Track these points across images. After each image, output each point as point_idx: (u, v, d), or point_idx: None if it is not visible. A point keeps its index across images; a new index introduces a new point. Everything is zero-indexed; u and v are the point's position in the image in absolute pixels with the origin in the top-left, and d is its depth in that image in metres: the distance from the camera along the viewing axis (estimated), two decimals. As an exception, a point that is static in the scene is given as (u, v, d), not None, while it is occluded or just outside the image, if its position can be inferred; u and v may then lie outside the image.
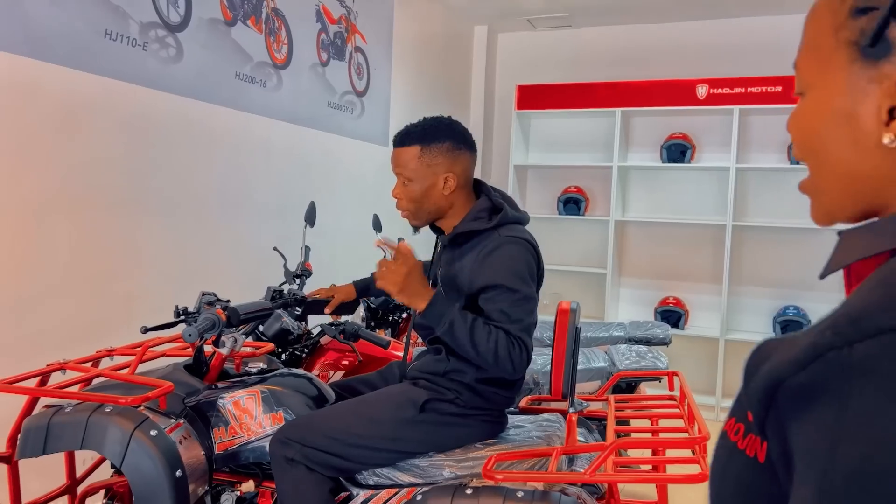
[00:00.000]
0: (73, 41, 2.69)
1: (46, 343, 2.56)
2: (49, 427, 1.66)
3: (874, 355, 0.44)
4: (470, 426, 1.72)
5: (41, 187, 2.59)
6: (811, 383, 0.46)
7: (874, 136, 0.56)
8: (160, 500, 1.58)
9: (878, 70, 0.55)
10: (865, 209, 0.59)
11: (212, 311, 1.70)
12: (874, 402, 0.43)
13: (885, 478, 0.41)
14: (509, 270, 1.67)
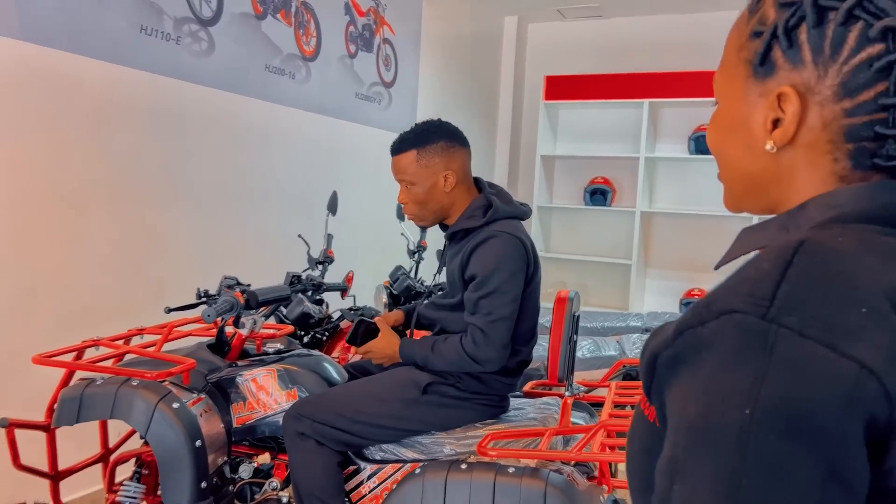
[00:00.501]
0: (111, 37, 2.83)
1: (84, 321, 2.72)
2: (82, 398, 1.80)
3: (716, 332, 0.53)
4: (469, 408, 1.82)
5: (81, 177, 2.75)
6: (676, 356, 0.55)
7: (762, 142, 0.64)
8: (181, 468, 1.72)
9: (765, 86, 0.64)
10: (766, 204, 0.68)
11: (230, 294, 1.82)
12: (711, 370, 0.52)
13: (713, 431, 0.50)
14: (486, 264, 1.77)
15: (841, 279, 0.53)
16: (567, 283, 5.81)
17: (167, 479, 1.73)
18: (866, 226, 0.58)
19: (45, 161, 2.63)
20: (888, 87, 0.57)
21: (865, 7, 0.58)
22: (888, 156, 0.59)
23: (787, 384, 0.49)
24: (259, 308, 1.96)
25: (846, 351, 0.49)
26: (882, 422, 0.49)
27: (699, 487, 0.50)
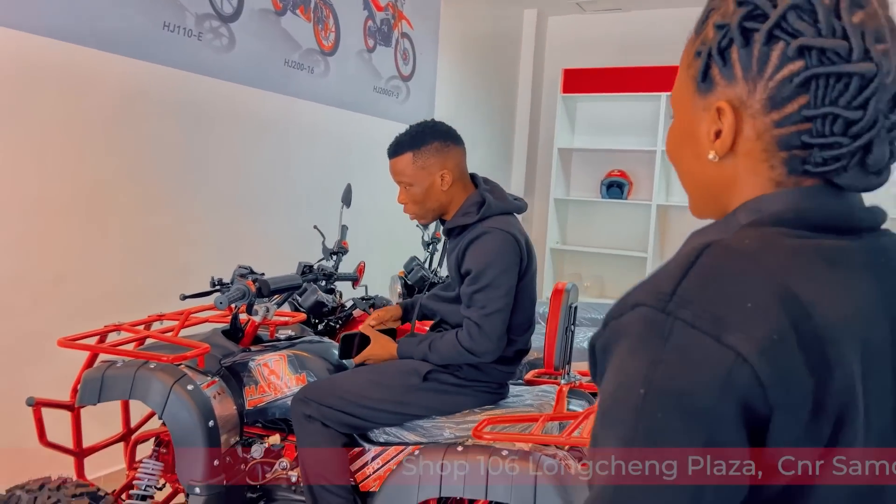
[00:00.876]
0: (134, 33, 2.94)
1: (108, 307, 2.84)
2: (103, 379, 1.91)
3: (629, 322, 0.61)
4: (468, 395, 1.90)
5: (105, 169, 2.86)
6: (604, 343, 0.63)
7: (707, 152, 0.70)
8: (195, 446, 1.82)
9: (706, 101, 0.70)
10: (720, 208, 0.73)
11: (242, 283, 1.92)
12: (622, 355, 0.60)
13: (616, 408, 0.59)
14: (480, 259, 1.84)
15: (733, 277, 0.60)
16: (583, 275, 5.86)
17: (182, 456, 1.84)
18: (777, 228, 0.64)
19: (71, 154, 2.74)
20: (809, 100, 0.63)
21: (783, 28, 0.63)
22: (816, 163, 0.65)
23: (676, 368, 0.56)
24: (271, 296, 2.05)
25: (726, 341, 0.56)
26: (758, 405, 0.56)
27: (605, 455, 0.58)
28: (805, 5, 0.63)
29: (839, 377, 0.58)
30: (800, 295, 0.59)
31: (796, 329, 0.57)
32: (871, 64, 0.61)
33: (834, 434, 0.59)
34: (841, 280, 0.63)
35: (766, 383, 0.55)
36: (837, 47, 0.61)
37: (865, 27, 0.62)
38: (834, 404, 0.58)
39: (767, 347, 0.56)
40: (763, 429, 0.57)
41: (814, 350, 0.57)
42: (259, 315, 2.09)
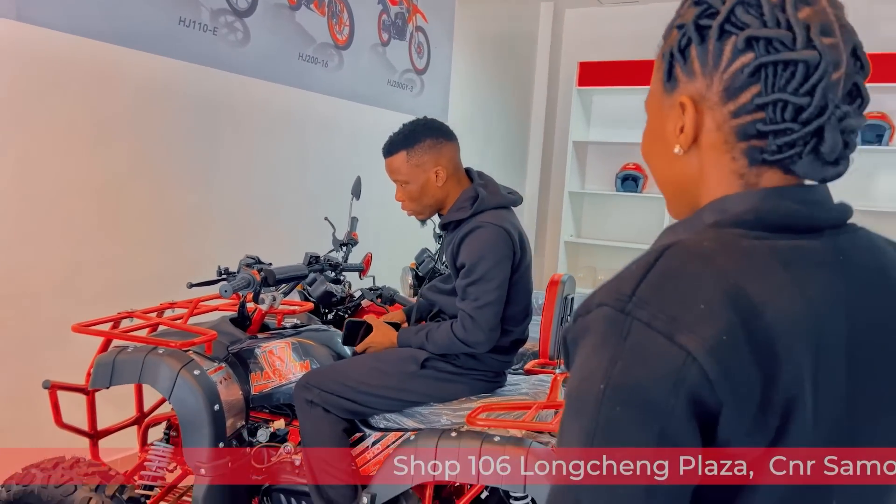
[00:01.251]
0: (151, 28, 3.01)
1: (124, 295, 2.93)
2: (114, 364, 1.99)
3: (593, 320, 0.64)
4: (465, 382, 1.95)
5: (123, 161, 2.95)
6: (573, 337, 0.67)
7: (673, 147, 0.73)
8: (201, 429, 1.89)
9: (671, 99, 0.74)
10: (692, 206, 0.75)
11: (248, 272, 1.98)
12: (585, 351, 0.64)
13: (579, 401, 0.63)
14: (473, 253, 1.89)
15: (689, 279, 0.63)
16: (597, 268, 5.87)
17: (188, 438, 1.91)
18: (736, 230, 0.67)
19: (90, 147, 2.83)
20: (760, 89, 0.67)
21: (733, 22, 0.67)
22: (771, 151, 0.68)
23: (632, 365, 0.60)
24: (276, 285, 2.11)
25: (678, 340, 0.59)
26: (707, 401, 0.60)
27: (569, 445, 0.62)
28: (751, 1, 0.67)
29: (787, 372, 0.61)
30: (751, 294, 0.62)
31: (746, 327, 0.60)
32: (814, 52, 0.64)
33: (781, 426, 0.62)
34: (794, 279, 0.65)
35: (713, 380, 0.59)
36: (782, 37, 0.65)
37: (811, 21, 0.65)
38: (780, 398, 0.61)
39: (715, 346, 0.59)
40: (713, 423, 0.61)
41: (762, 347, 0.60)
42: (265, 304, 2.15)
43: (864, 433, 0.67)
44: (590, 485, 0.60)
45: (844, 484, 0.66)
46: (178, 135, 3.18)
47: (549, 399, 1.84)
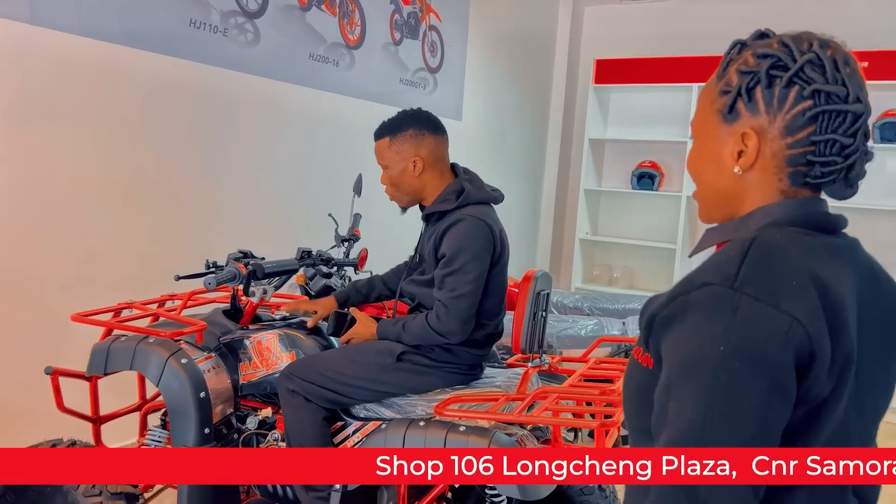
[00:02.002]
0: (162, 30, 3.12)
1: (136, 287, 3.04)
2: (109, 351, 2.09)
3: (699, 298, 0.80)
4: (440, 375, 2.01)
5: (135, 159, 3.07)
6: (669, 315, 0.82)
7: (730, 167, 0.91)
8: (187, 414, 1.98)
9: (732, 128, 0.91)
10: (727, 213, 0.95)
11: (234, 266, 2.07)
12: (696, 323, 0.79)
13: (698, 363, 0.77)
14: (454, 244, 1.95)
15: (780, 263, 0.81)
16: (613, 265, 5.87)
17: (175, 423, 2.00)
18: (792, 228, 0.87)
19: (104, 145, 2.95)
20: (815, 129, 0.86)
21: (801, 76, 0.86)
22: (815, 176, 0.88)
23: (747, 330, 0.76)
24: (265, 279, 2.19)
25: (784, 309, 0.77)
26: (805, 354, 0.77)
27: (688, 399, 0.77)
28: (817, 60, 0.86)
29: (845, 337, 0.80)
30: (822, 276, 0.81)
31: (822, 300, 0.79)
32: (860, 105, 0.86)
33: (839, 380, 0.80)
34: (839, 267, 0.85)
35: (813, 338, 0.77)
36: (839, 92, 0.85)
37: (852, 77, 0.87)
38: (841, 357, 0.80)
39: (811, 313, 0.77)
40: (805, 373, 0.77)
41: (832, 316, 0.79)
42: (256, 296, 2.24)
43: (867, 381, 0.87)
44: (719, 430, 0.75)
45: (856, 421, 0.87)
46: (190, 133, 3.29)
47: (517, 391, 1.89)
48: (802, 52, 0.87)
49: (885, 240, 4.94)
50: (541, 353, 2.07)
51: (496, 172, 5.59)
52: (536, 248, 6.25)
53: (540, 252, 6.24)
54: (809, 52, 0.87)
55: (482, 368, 2.11)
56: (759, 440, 0.76)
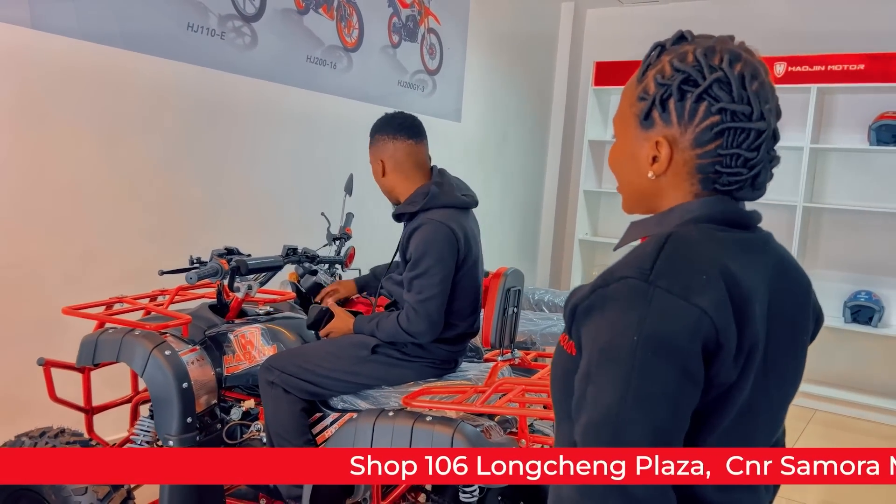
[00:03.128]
0: (160, 34, 3.21)
1: (134, 283, 3.14)
2: (97, 343, 2.17)
3: (616, 290, 0.85)
4: (413, 368, 2.08)
5: (134, 160, 3.16)
6: (589, 305, 0.87)
7: (645, 171, 0.97)
8: (170, 404, 2.06)
9: (647, 134, 0.97)
10: (647, 208, 1.01)
11: (216, 262, 2.14)
12: (613, 314, 0.84)
13: (614, 351, 0.82)
14: (419, 248, 2.02)
15: (692, 257, 0.87)
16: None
17: (159, 413, 2.08)
18: (708, 225, 0.93)
19: (102, 146, 3.04)
20: (722, 142, 0.92)
21: (709, 94, 0.92)
22: (723, 184, 0.94)
23: (659, 321, 0.81)
24: (249, 275, 2.27)
25: (693, 301, 0.82)
26: (712, 343, 0.83)
27: (605, 385, 0.82)
28: (724, 79, 0.91)
29: (751, 327, 0.86)
30: (731, 270, 0.86)
31: (730, 293, 0.84)
32: (764, 122, 0.91)
33: (745, 366, 0.86)
34: (751, 260, 0.91)
35: (719, 329, 0.82)
36: (744, 110, 0.91)
37: (759, 93, 0.92)
38: (747, 345, 0.86)
39: (718, 305, 0.83)
40: (712, 360, 0.83)
41: (739, 308, 0.85)
42: (241, 292, 2.32)
43: (775, 366, 0.93)
44: (632, 414, 0.81)
45: (764, 405, 0.93)
46: (187, 134, 3.38)
47: (485, 383, 1.95)
48: (712, 70, 0.91)
49: (881, 242, 4.95)
50: (512, 347, 2.13)
51: (497, 174, 5.66)
52: (537, 248, 6.30)
53: (541, 252, 6.29)
54: (718, 69, 0.91)
55: (457, 363, 2.17)
56: (670, 423, 0.82)
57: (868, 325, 4.85)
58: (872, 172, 4.94)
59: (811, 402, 4.85)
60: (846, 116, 5.02)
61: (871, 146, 4.77)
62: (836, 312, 5.05)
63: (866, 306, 4.86)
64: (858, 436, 4.50)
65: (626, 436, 0.80)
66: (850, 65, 4.75)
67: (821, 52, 4.90)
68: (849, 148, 4.91)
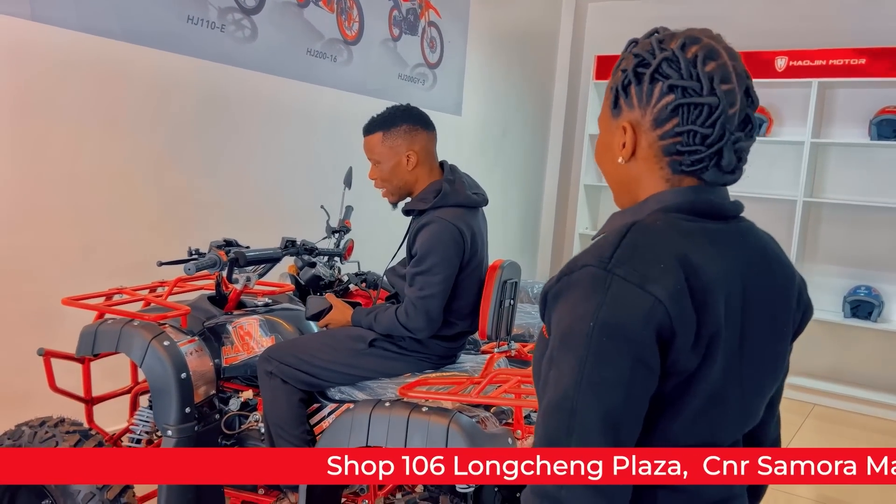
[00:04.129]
0: (160, 26, 3.22)
1: (134, 276, 3.15)
2: (96, 333, 2.19)
3: (579, 277, 0.88)
4: (410, 361, 2.09)
5: (133, 152, 3.16)
6: (556, 292, 0.90)
7: (617, 157, 1.00)
8: (169, 394, 2.07)
9: (617, 122, 1.00)
10: (629, 199, 1.02)
11: (214, 253, 2.15)
12: (574, 300, 0.87)
13: (572, 336, 0.85)
14: (424, 245, 2.02)
15: (651, 247, 0.89)
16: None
17: (158, 403, 2.09)
18: (677, 214, 0.94)
19: (102, 138, 3.05)
20: (678, 120, 0.93)
21: (660, 72, 0.94)
22: (687, 164, 0.95)
23: (614, 308, 0.84)
24: (248, 266, 2.28)
25: (648, 289, 0.84)
26: (667, 331, 0.84)
27: (564, 370, 0.85)
28: (672, 58, 0.93)
29: (711, 315, 0.87)
30: (692, 260, 0.87)
31: (689, 282, 0.86)
32: (715, 98, 0.92)
33: (706, 354, 0.88)
34: (717, 251, 0.92)
35: (672, 317, 0.84)
36: (693, 86, 0.92)
37: (714, 73, 0.92)
38: (706, 334, 0.87)
39: (673, 294, 0.84)
40: (668, 348, 0.85)
41: (698, 297, 0.86)
42: (240, 283, 2.33)
43: (749, 357, 0.94)
44: (585, 398, 0.83)
45: (735, 394, 0.94)
46: (187, 127, 3.38)
47: (481, 375, 1.96)
48: (662, 51, 0.94)
49: (881, 237, 4.95)
50: (508, 339, 2.14)
51: (497, 167, 5.66)
52: (538, 242, 6.31)
53: (541, 246, 6.30)
54: (667, 50, 0.94)
55: (455, 357, 2.18)
56: (622, 408, 0.84)
57: (868, 319, 4.85)
58: (873, 167, 4.94)
59: (809, 396, 4.86)
60: (847, 111, 5.01)
61: (872, 141, 4.76)
62: (835, 307, 5.06)
63: (866, 301, 4.86)
64: (857, 431, 4.51)
65: (578, 418, 0.83)
66: (851, 59, 4.74)
67: (822, 46, 4.90)
68: (849, 143, 4.91)
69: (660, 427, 0.90)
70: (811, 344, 5.02)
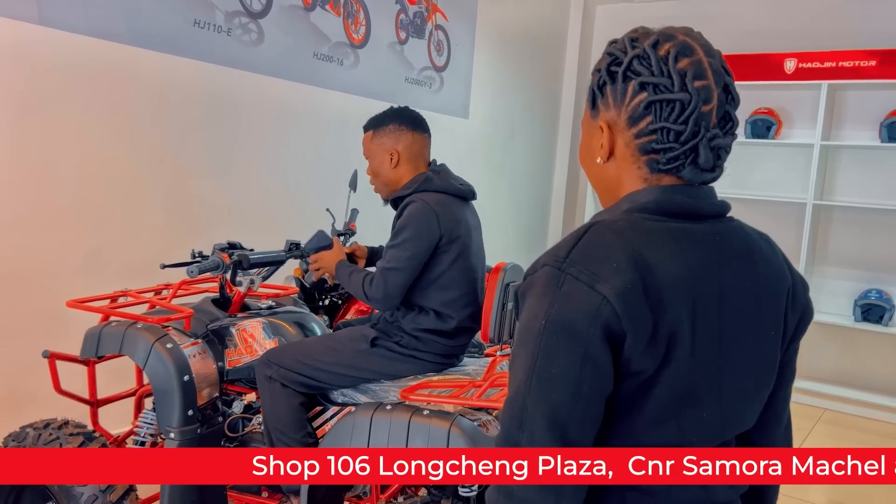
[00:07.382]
0: (167, 30, 3.23)
1: (141, 278, 3.16)
2: (100, 336, 2.19)
3: (537, 277, 0.89)
4: (411, 362, 2.08)
5: (141, 155, 3.18)
6: (521, 291, 0.92)
7: (597, 158, 1.00)
8: (172, 397, 2.07)
9: (595, 122, 1.00)
10: (614, 199, 1.01)
11: (218, 256, 2.16)
12: (532, 298, 0.89)
13: (526, 334, 0.87)
14: (402, 221, 2.07)
15: (605, 246, 0.88)
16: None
17: (161, 405, 2.10)
18: (641, 214, 0.93)
19: (110, 141, 3.07)
20: (652, 118, 0.93)
21: (632, 70, 0.94)
22: (663, 163, 0.94)
23: (564, 306, 0.85)
24: (251, 269, 2.28)
25: (597, 288, 0.84)
26: (616, 330, 0.84)
27: (518, 366, 0.88)
28: (643, 55, 0.93)
29: (669, 314, 0.86)
30: (648, 259, 0.87)
31: (643, 281, 0.85)
32: (686, 94, 0.90)
33: (666, 353, 0.87)
34: (680, 250, 0.90)
35: (620, 315, 0.84)
36: (664, 82, 0.91)
37: (687, 69, 0.91)
38: (664, 333, 0.86)
39: (622, 293, 0.84)
40: (620, 347, 0.85)
41: (653, 295, 0.85)
42: (243, 286, 2.33)
43: (729, 359, 0.93)
44: (534, 394, 0.85)
45: (711, 397, 0.92)
46: (194, 131, 3.40)
47: (483, 377, 1.95)
48: (634, 48, 0.94)
49: (892, 240, 4.91)
50: (511, 342, 2.13)
51: (505, 170, 5.65)
52: (546, 243, 6.29)
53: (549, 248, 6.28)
54: (639, 47, 0.93)
55: (458, 358, 2.17)
56: (570, 406, 0.85)
57: (879, 323, 4.80)
58: (883, 170, 4.90)
59: (820, 400, 4.82)
60: (857, 113, 4.97)
61: (883, 143, 4.72)
62: (846, 311, 5.01)
63: (877, 305, 4.81)
64: (867, 435, 4.46)
65: (526, 413, 0.85)
66: (862, 61, 4.71)
67: (831, 48, 4.86)
68: (860, 145, 4.87)
69: (621, 428, 0.90)
70: (821, 348, 4.99)
